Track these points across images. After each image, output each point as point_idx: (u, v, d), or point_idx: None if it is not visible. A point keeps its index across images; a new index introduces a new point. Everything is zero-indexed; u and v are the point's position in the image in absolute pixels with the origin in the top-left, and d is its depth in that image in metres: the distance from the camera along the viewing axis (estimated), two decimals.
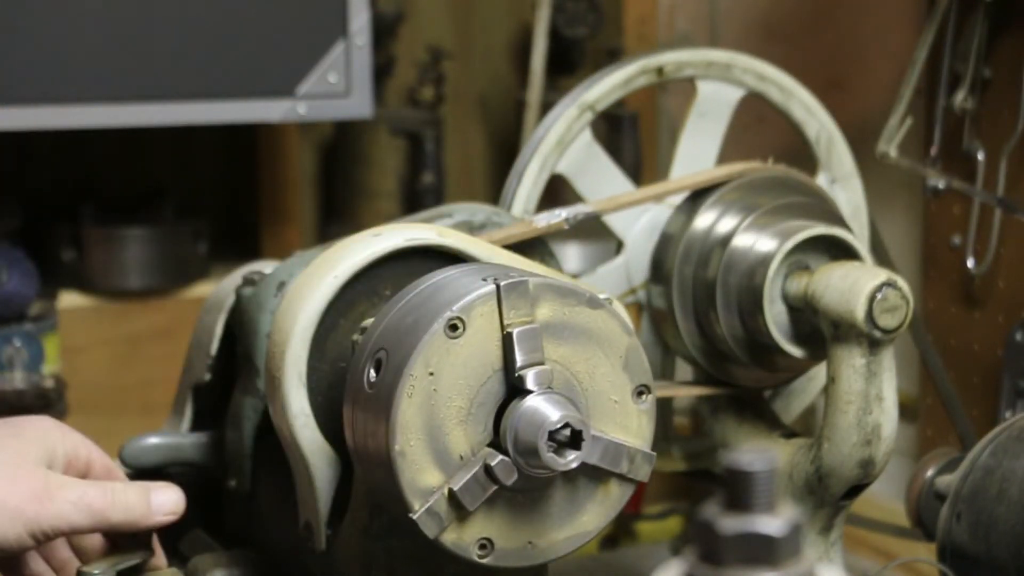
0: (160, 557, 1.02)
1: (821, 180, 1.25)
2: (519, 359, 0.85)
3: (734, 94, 1.23)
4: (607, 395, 0.89)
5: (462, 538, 0.87)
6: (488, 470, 0.85)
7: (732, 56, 1.23)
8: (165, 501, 0.98)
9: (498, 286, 0.85)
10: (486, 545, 0.88)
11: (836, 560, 1.13)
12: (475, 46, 2.07)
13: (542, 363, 0.85)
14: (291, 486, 1.00)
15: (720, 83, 1.22)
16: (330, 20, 1.66)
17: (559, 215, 1.10)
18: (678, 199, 1.19)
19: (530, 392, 0.85)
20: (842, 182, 1.26)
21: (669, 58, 1.21)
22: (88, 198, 1.84)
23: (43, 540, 0.92)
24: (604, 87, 1.19)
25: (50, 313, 1.72)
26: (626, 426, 0.89)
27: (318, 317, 0.96)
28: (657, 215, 1.20)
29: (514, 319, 0.85)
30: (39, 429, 0.98)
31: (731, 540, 0.51)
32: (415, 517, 0.85)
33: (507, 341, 0.85)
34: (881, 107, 1.49)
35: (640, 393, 0.90)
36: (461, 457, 0.86)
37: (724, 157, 1.24)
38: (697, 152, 1.23)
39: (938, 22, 1.45)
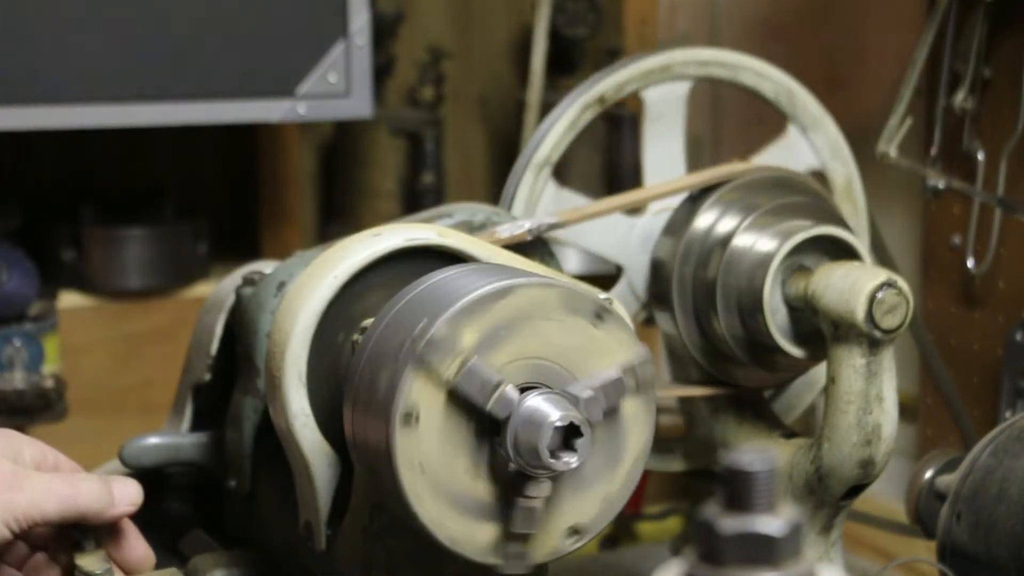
0: (142, 548, 1.02)
1: (793, 132, 1.25)
2: (480, 402, 0.84)
3: (680, 89, 1.23)
4: (574, 344, 0.87)
5: (551, 545, 0.89)
6: (527, 498, 0.86)
7: (667, 56, 1.22)
8: (126, 492, 0.98)
9: (419, 360, 0.84)
10: (577, 530, 0.89)
11: (836, 560, 1.13)
12: (475, 46, 2.07)
13: (500, 384, 0.85)
14: (291, 486, 1.00)
15: (663, 85, 1.22)
16: (330, 20, 1.66)
17: (522, 226, 1.09)
18: (660, 206, 1.19)
19: (508, 417, 0.85)
20: (813, 127, 1.26)
21: (606, 85, 1.20)
22: (88, 198, 1.84)
23: (18, 531, 0.92)
24: (553, 138, 1.19)
25: (50, 313, 1.72)
26: (608, 351, 0.88)
27: (318, 317, 0.96)
28: (647, 226, 1.20)
29: (452, 370, 0.85)
30: (3, 434, 0.98)
31: (731, 540, 0.51)
32: (506, 573, 0.87)
33: (456, 398, 0.85)
34: (881, 107, 1.49)
35: (599, 316, 0.88)
36: (496, 498, 0.87)
37: (725, 158, 1.24)
38: (663, 156, 1.23)
39: (938, 22, 1.45)
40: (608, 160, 1.86)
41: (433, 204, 1.78)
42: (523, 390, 0.85)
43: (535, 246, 1.09)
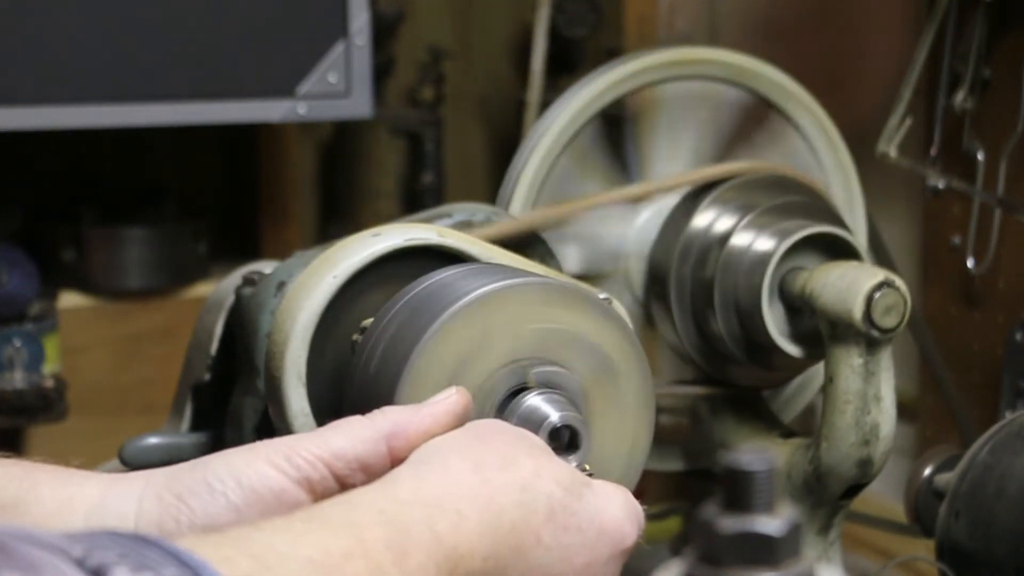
0: None
1: (790, 132, 1.24)
2: (484, 393, 0.85)
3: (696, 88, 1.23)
4: (574, 344, 0.88)
5: None
6: None
7: (674, 54, 1.22)
8: None
9: (419, 359, 0.84)
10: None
11: (835, 560, 1.13)
12: (475, 46, 2.07)
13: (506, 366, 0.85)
14: None
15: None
16: (330, 20, 1.66)
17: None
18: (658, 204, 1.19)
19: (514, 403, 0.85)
20: (810, 126, 1.25)
21: (608, 79, 1.20)
22: (88, 198, 1.84)
23: None
24: (553, 134, 1.19)
25: (50, 313, 1.72)
26: (607, 351, 0.88)
27: (318, 317, 0.96)
28: (645, 224, 1.20)
29: (452, 368, 0.85)
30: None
31: (731, 540, 0.51)
32: None
33: None
34: (881, 107, 1.49)
35: (598, 315, 0.88)
36: None
37: (723, 157, 1.24)
38: (672, 154, 1.24)
39: (938, 22, 1.45)
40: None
41: (433, 204, 1.78)
42: (522, 390, 0.85)
43: (535, 245, 1.09)
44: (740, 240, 1.13)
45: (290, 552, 0.65)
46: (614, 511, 0.78)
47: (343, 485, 0.77)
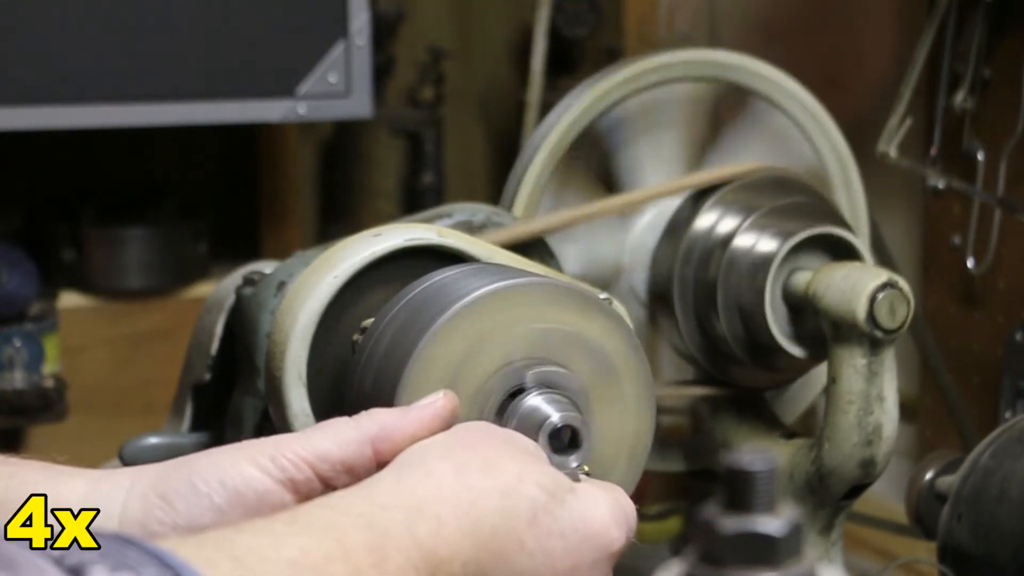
0: None
1: (791, 132, 1.24)
2: (486, 390, 0.84)
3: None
4: (574, 344, 0.88)
5: None
6: None
7: (681, 55, 1.22)
8: None
9: (419, 359, 0.84)
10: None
11: (836, 560, 1.13)
12: (475, 46, 2.06)
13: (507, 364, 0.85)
14: None
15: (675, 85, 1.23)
16: (330, 20, 1.66)
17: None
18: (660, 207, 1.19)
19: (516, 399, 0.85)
20: (812, 127, 1.25)
21: (612, 81, 1.20)
22: (88, 198, 1.84)
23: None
24: (556, 135, 1.19)
25: (50, 313, 1.72)
26: (608, 351, 0.88)
27: (318, 317, 0.96)
28: (647, 226, 1.20)
29: (452, 368, 0.85)
30: None
31: (731, 540, 0.51)
32: None
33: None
34: (881, 107, 1.49)
35: (599, 316, 0.88)
36: None
37: (724, 157, 1.24)
38: (663, 158, 1.23)
39: (938, 22, 1.45)
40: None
41: (433, 204, 1.78)
42: (523, 391, 0.85)
43: (535, 246, 1.09)
44: (743, 241, 1.13)
45: (271, 554, 0.65)
46: (599, 515, 0.78)
47: (328, 486, 0.77)
